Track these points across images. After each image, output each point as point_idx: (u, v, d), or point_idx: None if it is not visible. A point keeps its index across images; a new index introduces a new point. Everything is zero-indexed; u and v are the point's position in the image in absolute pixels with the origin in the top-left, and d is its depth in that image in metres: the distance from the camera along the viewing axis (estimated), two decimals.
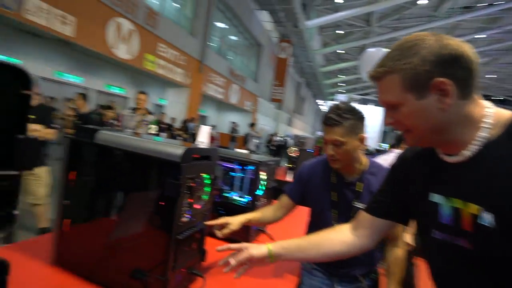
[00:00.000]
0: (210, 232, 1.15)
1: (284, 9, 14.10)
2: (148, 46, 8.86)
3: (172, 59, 10.07)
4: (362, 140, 1.13)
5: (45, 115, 2.65)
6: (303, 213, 1.34)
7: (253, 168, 1.51)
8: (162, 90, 12.15)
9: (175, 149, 0.90)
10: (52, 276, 0.99)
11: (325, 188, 1.21)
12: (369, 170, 1.18)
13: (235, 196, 1.64)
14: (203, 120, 16.42)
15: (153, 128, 3.56)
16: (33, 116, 2.59)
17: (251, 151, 2.03)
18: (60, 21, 6.31)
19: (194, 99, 11.79)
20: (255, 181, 1.50)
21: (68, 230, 1.03)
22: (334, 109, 1.11)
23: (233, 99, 15.32)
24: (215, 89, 13.32)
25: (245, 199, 1.58)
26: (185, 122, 9.95)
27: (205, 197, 1.08)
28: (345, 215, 1.12)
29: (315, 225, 1.22)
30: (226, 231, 1.13)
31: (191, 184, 0.96)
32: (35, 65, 8.18)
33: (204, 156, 1.07)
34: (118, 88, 10.76)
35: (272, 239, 1.60)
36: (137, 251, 0.95)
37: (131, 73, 10.79)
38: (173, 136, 8.35)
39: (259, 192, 1.55)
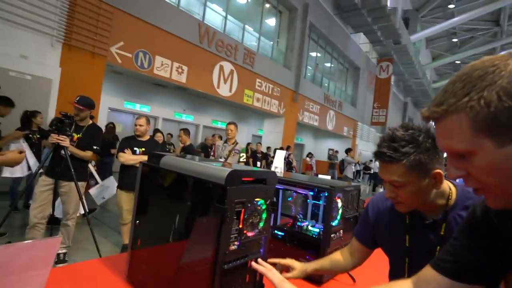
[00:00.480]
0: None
1: (382, 27, 13.31)
2: (246, 82, 9.69)
3: (268, 92, 10.67)
4: (436, 177, 0.82)
5: (153, 148, 3.11)
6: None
7: (326, 194, 1.33)
8: (260, 121, 12.91)
9: (222, 171, 0.86)
10: None
11: (397, 230, 0.94)
12: (460, 204, 0.85)
13: (308, 226, 1.48)
14: (300, 148, 16.46)
15: (243, 157, 3.72)
16: (142, 149, 3.08)
17: (348, 178, 1.80)
18: (177, 71, 7.60)
19: (289, 128, 12.01)
20: (328, 209, 1.31)
21: (137, 249, 1.10)
22: (388, 139, 0.82)
23: (330, 126, 14.90)
24: (311, 117, 13.28)
25: (318, 229, 1.39)
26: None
27: (261, 224, 0.99)
28: (421, 265, 0.83)
29: (392, 274, 0.95)
30: (288, 275, 1.00)
31: (240, 209, 0.89)
32: (160, 109, 10.00)
33: (259, 179, 0.99)
34: (222, 123, 11.99)
35: (353, 279, 1.34)
36: (186, 279, 0.91)
37: (233, 108, 11.92)
38: (268, 164, 8.60)
39: (334, 223, 1.35)
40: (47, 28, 5.30)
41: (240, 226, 0.90)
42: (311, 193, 1.47)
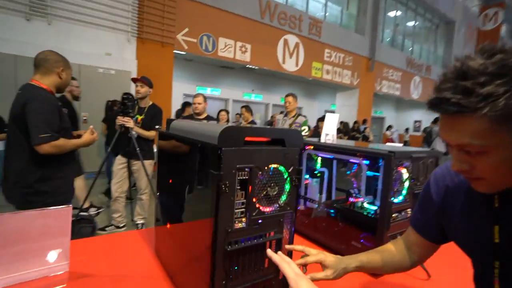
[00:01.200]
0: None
1: None
2: (313, 54, 9.08)
3: (339, 62, 9.82)
4: None
5: None
6: None
7: (384, 163, 1.01)
8: (332, 95, 12.11)
9: (215, 128, 0.66)
10: (148, 265, 0.99)
11: (479, 219, 0.59)
12: None
13: (363, 203, 1.18)
14: (379, 122, 14.98)
15: (304, 130, 3.43)
16: None
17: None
18: (241, 51, 7.55)
19: (365, 100, 10.92)
20: (386, 181, 0.99)
21: (158, 224, 1.02)
22: (455, 75, 0.47)
23: (415, 94, 13.03)
24: (390, 86, 11.81)
25: (376, 206, 1.09)
26: (354, 125, 9.33)
27: (282, 197, 0.77)
28: None
29: (478, 280, 0.62)
30: (318, 276, 0.72)
31: (246, 178, 0.69)
32: (230, 91, 10.24)
33: (275, 140, 0.76)
34: None
35: (428, 275, 1.01)
36: (192, 260, 0.77)
37: (302, 84, 11.43)
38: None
39: (397, 199, 1.03)
40: (123, 26, 5.81)
41: (254, 199, 0.70)
42: (366, 162, 1.16)
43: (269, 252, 0.70)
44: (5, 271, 0.83)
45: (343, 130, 8.64)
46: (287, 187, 0.77)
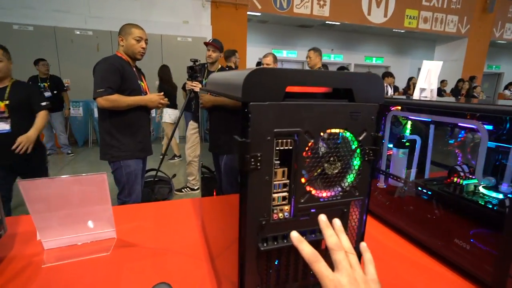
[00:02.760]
0: None
1: None
2: (408, 0, 7.60)
3: (442, 6, 8.03)
4: None
5: None
6: None
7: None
8: (429, 50, 10.21)
9: (242, 74, 0.44)
10: (193, 241, 0.90)
11: None
12: None
13: (479, 187, 0.83)
14: (492, 79, 12.18)
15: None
16: None
17: None
18: (318, 5, 6.82)
19: (476, 51, 8.82)
20: None
21: (205, 195, 0.89)
22: None
23: None
24: None
25: (501, 194, 0.73)
26: (457, 84, 7.71)
27: (349, 178, 0.52)
28: None
29: None
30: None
31: (288, 148, 0.46)
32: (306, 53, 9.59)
33: (337, 90, 0.50)
34: (377, 59, 10.31)
35: None
36: (225, 251, 0.61)
37: (390, 39, 9.91)
38: None
39: None
40: None
41: (303, 180, 0.47)
42: (489, 127, 0.78)
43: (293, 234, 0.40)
44: (57, 233, 0.83)
45: (442, 91, 7.25)
46: (356, 162, 0.51)
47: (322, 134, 0.47)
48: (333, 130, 0.48)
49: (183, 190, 3.15)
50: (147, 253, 0.83)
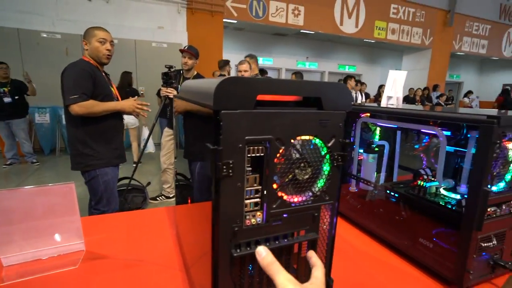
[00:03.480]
0: None
1: None
2: (376, 12, 8.01)
3: (407, 19, 8.54)
4: None
5: None
6: None
7: (479, 134, 0.69)
8: (397, 59, 10.78)
9: (213, 82, 0.45)
10: (167, 250, 0.88)
11: None
12: None
13: (440, 189, 0.88)
14: (454, 87, 13.04)
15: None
16: None
17: None
18: (293, 14, 7.00)
19: (439, 62, 9.44)
20: (481, 161, 0.68)
21: (179, 203, 0.88)
22: None
23: (508, 51, 10.83)
24: (474, 42, 9.96)
25: (459, 195, 0.79)
26: (423, 92, 8.19)
27: (319, 183, 0.54)
28: None
29: None
30: None
31: (260, 155, 0.47)
32: (282, 60, 9.78)
33: (307, 99, 0.52)
34: (350, 67, 10.71)
35: None
36: (199, 259, 0.60)
37: (361, 48, 10.36)
38: None
39: (496, 187, 0.71)
40: None
41: (275, 186, 0.48)
42: (447, 133, 0.84)
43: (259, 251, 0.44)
44: (19, 248, 0.78)
45: (410, 98, 7.65)
46: (326, 168, 0.53)
47: (292, 141, 0.49)
48: (304, 137, 0.50)
49: (158, 198, 3.07)
50: (118, 265, 0.80)
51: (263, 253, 0.42)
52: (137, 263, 0.81)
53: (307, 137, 0.50)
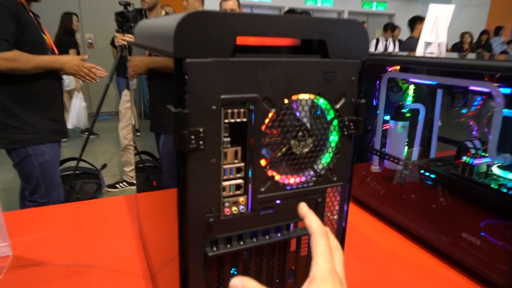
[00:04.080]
0: None
1: None
2: None
3: None
4: None
5: None
6: None
7: None
8: None
9: (174, 20, 0.44)
10: (127, 252, 0.90)
11: None
12: None
13: (493, 166, 0.90)
14: None
15: None
16: None
17: None
18: None
19: None
20: None
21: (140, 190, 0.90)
22: None
23: None
24: None
25: None
26: (480, 37, 8.09)
27: (324, 159, 0.54)
28: None
29: None
30: None
31: (241, 120, 0.47)
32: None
33: (307, 42, 0.51)
34: (378, 4, 10.54)
35: None
36: (169, 263, 0.62)
37: None
38: None
39: None
40: None
41: (263, 162, 0.49)
42: (506, 91, 0.84)
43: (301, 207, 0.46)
44: None
45: (459, 47, 7.59)
46: (333, 138, 0.54)
47: (286, 101, 0.48)
48: (302, 96, 0.50)
49: (117, 185, 3.11)
50: (59, 274, 0.82)
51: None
52: (85, 270, 0.83)
53: (306, 96, 0.50)
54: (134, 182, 3.11)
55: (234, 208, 0.49)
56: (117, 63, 2.63)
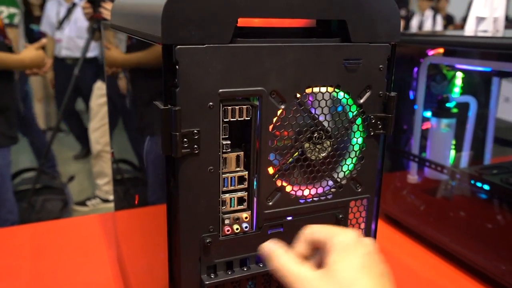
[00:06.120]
0: None
1: None
2: None
3: None
4: None
5: None
6: None
7: None
8: None
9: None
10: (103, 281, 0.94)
11: None
12: None
13: None
14: None
15: None
16: None
17: None
18: None
19: None
20: None
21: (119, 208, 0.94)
22: None
23: None
24: None
25: None
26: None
27: (346, 165, 0.57)
28: None
29: None
30: None
31: (244, 119, 0.50)
32: None
33: (322, 23, 0.54)
34: None
35: None
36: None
37: None
38: None
39: None
40: None
41: (271, 170, 0.51)
42: None
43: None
44: None
45: None
46: (357, 140, 0.56)
47: (299, 95, 0.51)
48: (317, 89, 0.52)
49: (87, 202, 3.15)
50: None
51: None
52: None
53: (323, 89, 0.53)
54: (109, 198, 3.15)
55: (236, 226, 0.52)
56: (88, 45, 2.68)
